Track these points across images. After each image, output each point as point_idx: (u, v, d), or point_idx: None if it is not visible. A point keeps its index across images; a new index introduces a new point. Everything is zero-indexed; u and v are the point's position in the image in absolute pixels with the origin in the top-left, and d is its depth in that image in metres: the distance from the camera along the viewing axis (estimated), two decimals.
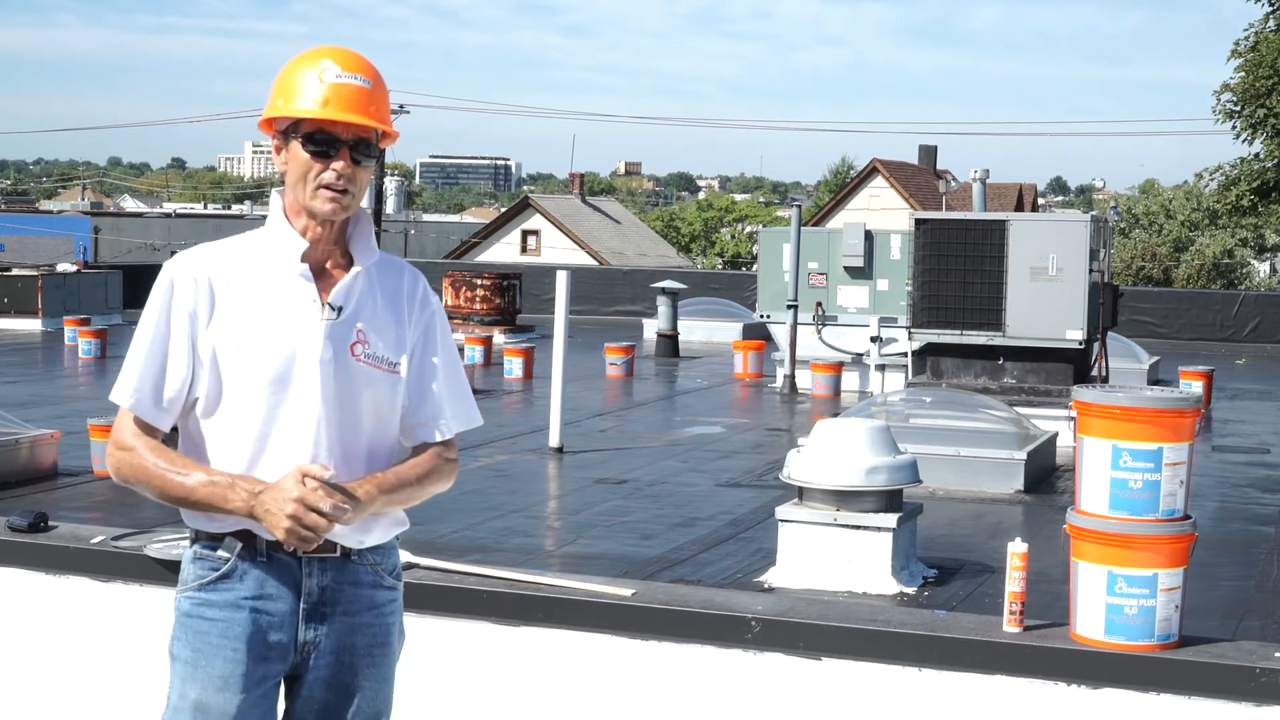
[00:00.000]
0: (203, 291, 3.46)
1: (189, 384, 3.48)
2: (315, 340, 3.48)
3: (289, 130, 3.49)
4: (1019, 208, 61.07)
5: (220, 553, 3.47)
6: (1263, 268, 76.54)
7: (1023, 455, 10.35)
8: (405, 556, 6.65)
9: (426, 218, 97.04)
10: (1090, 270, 12.51)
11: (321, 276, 3.53)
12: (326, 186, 3.47)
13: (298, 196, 3.50)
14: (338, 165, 3.47)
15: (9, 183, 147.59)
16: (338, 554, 3.53)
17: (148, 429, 3.46)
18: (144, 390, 3.45)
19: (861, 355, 16.47)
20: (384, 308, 3.59)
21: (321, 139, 3.47)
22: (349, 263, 3.57)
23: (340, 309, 3.51)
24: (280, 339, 3.46)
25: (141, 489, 3.46)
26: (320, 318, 3.49)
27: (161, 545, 6.73)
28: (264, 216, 3.63)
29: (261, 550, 3.47)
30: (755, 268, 21.36)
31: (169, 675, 3.53)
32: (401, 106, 50.08)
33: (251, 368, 3.44)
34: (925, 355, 13.12)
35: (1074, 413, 5.82)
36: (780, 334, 16.83)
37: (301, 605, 3.50)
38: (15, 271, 26.23)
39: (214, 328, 3.45)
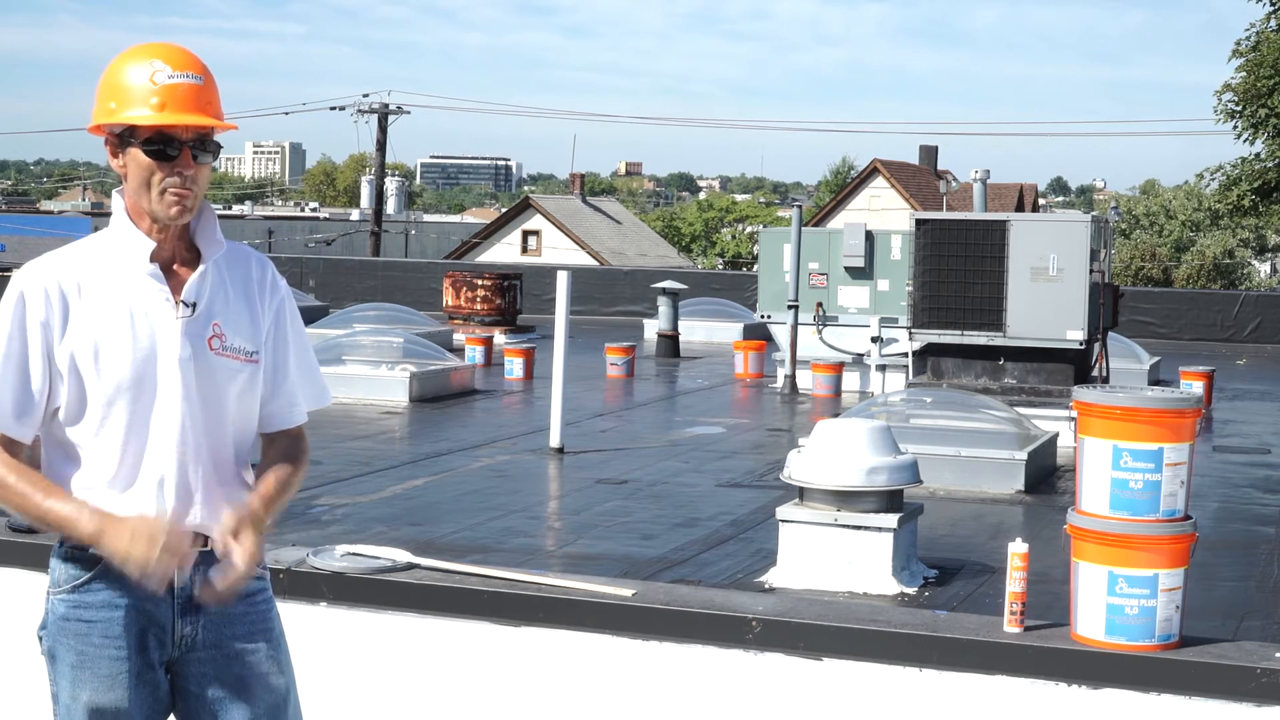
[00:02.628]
0: (54, 301, 3.45)
1: (46, 395, 3.47)
2: (173, 339, 3.50)
3: (125, 134, 3.48)
4: (1019, 208, 61.12)
5: (92, 551, 3.48)
6: (1263, 268, 76.59)
7: (1023, 455, 10.35)
8: (406, 557, 6.67)
9: (427, 218, 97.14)
10: (1091, 270, 12.51)
11: (171, 274, 3.55)
12: (170, 190, 3.46)
13: (140, 201, 3.50)
14: (181, 168, 3.47)
15: (9, 183, 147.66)
16: (207, 547, 3.55)
17: (9, 444, 3.46)
18: (4, 405, 3.44)
19: (862, 355, 16.47)
20: (236, 298, 3.61)
21: (161, 142, 3.46)
22: (196, 257, 3.59)
23: (194, 305, 3.53)
24: (137, 341, 3.47)
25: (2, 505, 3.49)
26: (175, 316, 3.51)
27: None
28: (265, 217, 3.66)
29: None
30: (756, 268, 21.36)
31: (50, 675, 3.57)
32: (400, 107, 50.10)
33: (111, 373, 3.45)
34: (926, 355, 13.12)
35: (1074, 413, 5.82)
36: (781, 334, 16.82)
37: (175, 600, 3.54)
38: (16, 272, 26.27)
39: (69, 337, 3.45)
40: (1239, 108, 32.21)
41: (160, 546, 3.32)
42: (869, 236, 16.79)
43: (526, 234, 66.57)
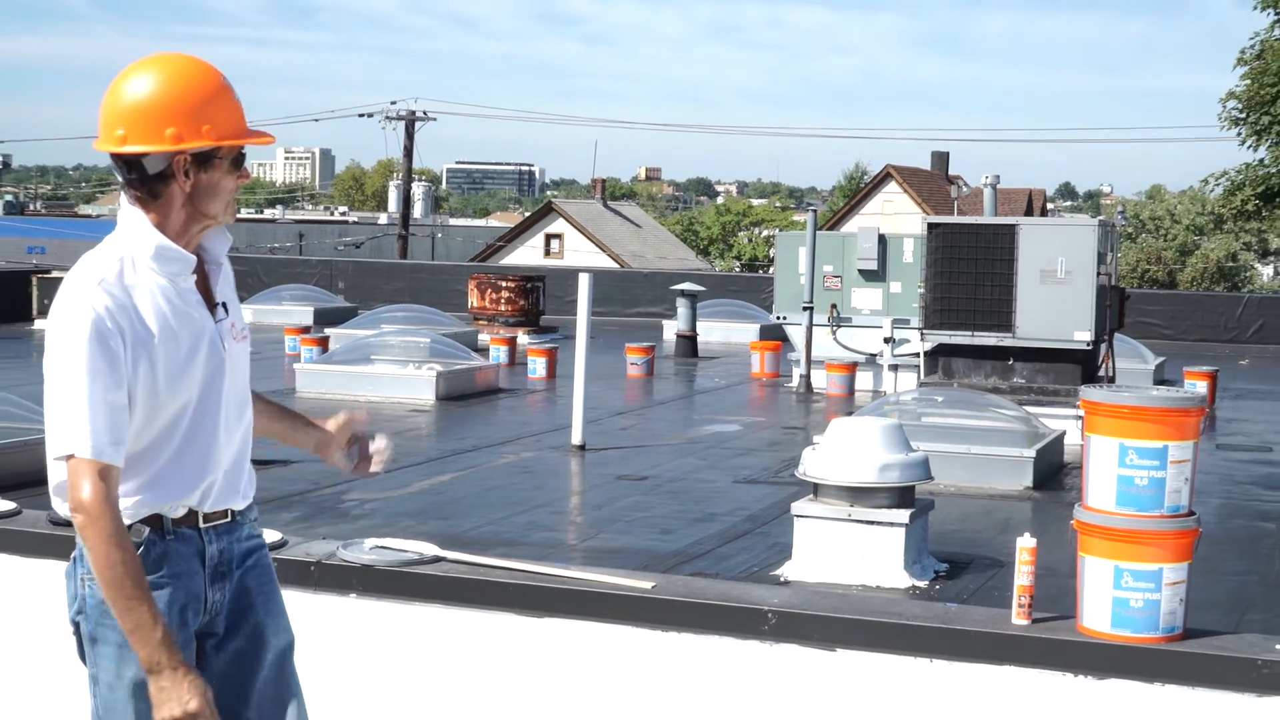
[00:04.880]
0: (120, 316, 3.43)
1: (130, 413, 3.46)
2: (218, 340, 3.62)
3: (206, 154, 3.51)
4: (1029, 212, 60.97)
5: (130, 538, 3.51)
6: (1266, 271, 76.26)
7: (1031, 453, 10.34)
8: (433, 550, 6.69)
9: (453, 222, 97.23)
10: (1098, 273, 12.49)
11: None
12: (233, 197, 3.61)
13: (209, 211, 3.57)
14: (244, 177, 3.64)
15: (49, 188, 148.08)
16: (229, 519, 3.68)
17: (106, 473, 3.37)
18: (100, 434, 3.36)
19: (875, 356, 16.44)
20: (228, 283, 3.75)
21: (241, 157, 3.60)
22: (195, 253, 3.65)
23: (224, 305, 3.67)
24: (189, 346, 3.54)
25: (106, 552, 3.36)
26: (214, 319, 3.62)
27: None
28: (296, 221, 3.73)
29: (169, 529, 3.56)
30: (772, 270, 21.32)
31: (90, 658, 3.57)
32: (426, 114, 50.25)
33: (174, 378, 3.50)
34: (937, 356, 13.11)
35: (1082, 412, 5.82)
36: (796, 335, 16.81)
37: (206, 570, 3.63)
38: (56, 274, 26.34)
39: (140, 352, 3.45)
40: (1243, 115, 32.12)
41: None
42: (882, 240, 16.77)
43: (549, 237, 66.63)
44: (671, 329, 22.20)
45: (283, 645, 3.78)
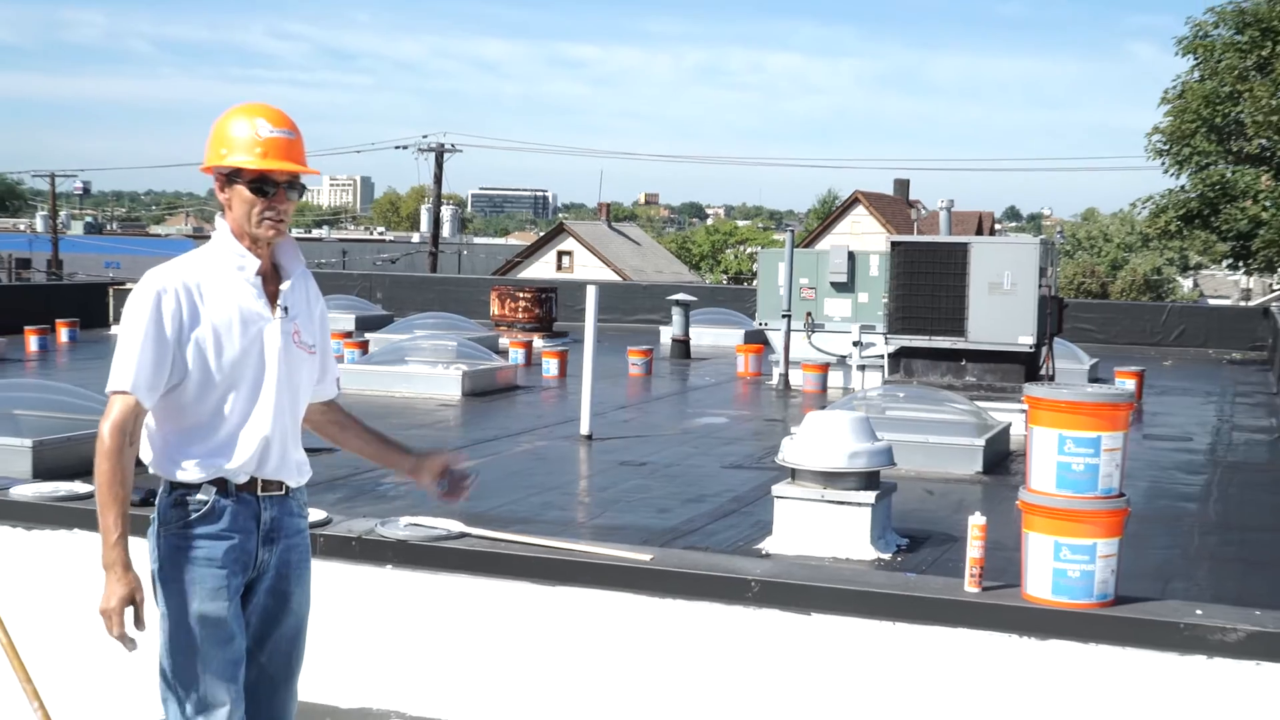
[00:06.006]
0: (183, 299, 3.75)
1: (168, 373, 3.73)
2: (274, 334, 3.85)
3: (232, 174, 3.80)
4: (979, 232, 60.93)
5: (199, 496, 3.80)
6: (1186, 283, 76.30)
7: (981, 442, 10.33)
8: (459, 527, 6.69)
9: (477, 240, 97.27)
10: (1039, 285, 12.48)
11: (263, 282, 3.89)
12: (267, 218, 3.80)
13: (243, 225, 3.82)
14: (277, 202, 3.81)
15: (123, 210, 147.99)
16: (283, 492, 3.92)
17: (136, 406, 3.70)
18: (141, 377, 3.70)
19: (845, 357, 16.44)
20: (304, 304, 3.98)
21: (262, 181, 3.79)
22: (274, 269, 3.93)
23: (286, 308, 3.89)
24: (249, 335, 3.80)
25: (100, 464, 3.70)
26: (274, 316, 3.85)
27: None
28: (339, 239, 3.82)
29: (231, 491, 3.83)
30: (755, 283, 21.32)
31: (160, 596, 3.83)
32: (454, 146, 50.21)
33: (231, 359, 3.77)
34: (899, 357, 13.10)
35: (1026, 406, 5.82)
36: (776, 339, 16.81)
37: (260, 532, 3.88)
38: (129, 286, 26.33)
39: (197, 328, 3.75)
40: (1166, 147, 31.97)
41: (119, 617, 3.69)
42: (851, 256, 16.79)
43: (561, 254, 66.56)
44: (667, 334, 22.19)
45: (303, 613, 4.04)
